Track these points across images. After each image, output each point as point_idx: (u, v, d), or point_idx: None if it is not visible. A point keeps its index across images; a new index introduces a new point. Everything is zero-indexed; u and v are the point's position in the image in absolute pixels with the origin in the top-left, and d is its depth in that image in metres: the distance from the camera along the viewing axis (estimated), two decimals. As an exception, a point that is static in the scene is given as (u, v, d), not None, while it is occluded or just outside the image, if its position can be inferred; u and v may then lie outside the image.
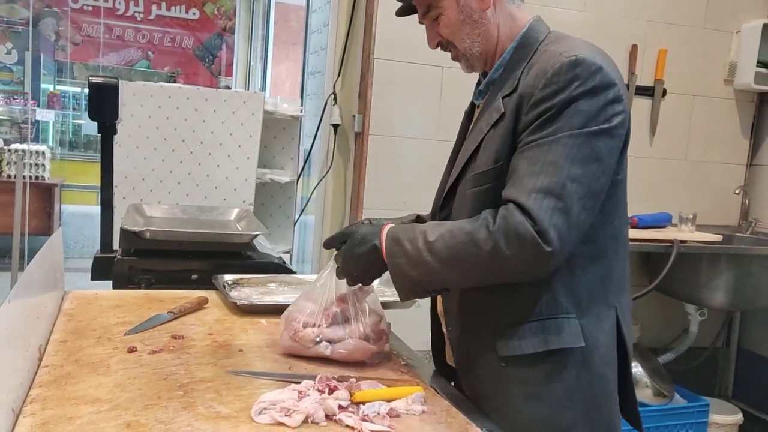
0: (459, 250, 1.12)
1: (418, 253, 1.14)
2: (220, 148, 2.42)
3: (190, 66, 8.44)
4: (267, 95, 3.14)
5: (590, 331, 1.19)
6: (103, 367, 1.15)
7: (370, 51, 2.81)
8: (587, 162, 1.10)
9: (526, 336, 1.18)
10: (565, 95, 1.10)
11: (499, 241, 1.08)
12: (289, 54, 5.48)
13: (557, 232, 1.07)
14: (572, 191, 1.08)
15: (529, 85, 1.15)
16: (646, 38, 3.16)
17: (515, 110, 1.16)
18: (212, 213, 2.24)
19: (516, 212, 1.08)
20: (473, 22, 1.24)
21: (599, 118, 1.11)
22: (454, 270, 1.14)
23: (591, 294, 1.20)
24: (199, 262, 1.84)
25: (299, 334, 1.23)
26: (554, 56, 1.14)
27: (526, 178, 1.10)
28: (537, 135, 1.12)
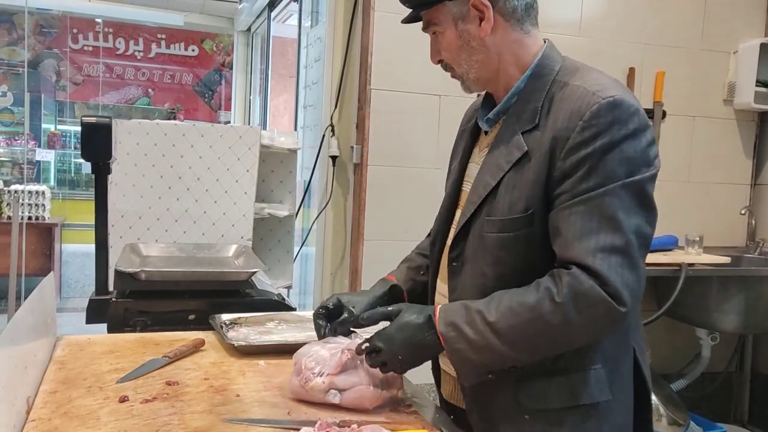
0: (526, 329, 1.05)
1: (482, 337, 1.07)
2: (217, 184, 2.38)
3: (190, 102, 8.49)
4: (267, 128, 3.13)
5: (613, 380, 1.16)
6: (93, 419, 1.10)
7: (366, 82, 2.80)
8: (642, 211, 1.05)
9: (553, 388, 1.13)
10: (606, 140, 1.05)
11: (569, 312, 1.03)
12: (286, 87, 5.50)
13: (630, 290, 1.02)
14: (636, 245, 1.03)
15: (564, 128, 1.08)
16: (643, 61, 3.15)
17: (549, 153, 1.09)
18: (210, 250, 2.20)
19: (582, 276, 1.02)
20: (471, 48, 1.19)
21: (644, 163, 1.06)
22: (523, 350, 1.08)
23: (613, 342, 1.16)
24: (196, 302, 1.79)
25: (309, 383, 1.18)
26: (587, 96, 1.08)
27: (586, 237, 1.04)
28: (584, 186, 1.05)
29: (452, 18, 1.19)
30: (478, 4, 1.16)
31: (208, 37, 8.29)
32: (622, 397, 1.18)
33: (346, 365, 1.20)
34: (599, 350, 1.14)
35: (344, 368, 1.20)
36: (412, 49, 2.86)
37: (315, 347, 1.25)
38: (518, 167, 1.13)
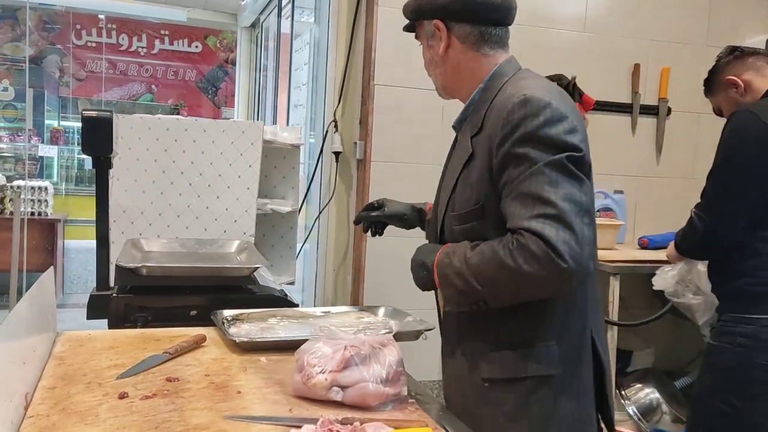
0: (487, 267, 1.23)
1: (460, 267, 1.26)
2: (220, 179, 2.37)
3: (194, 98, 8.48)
4: (273, 124, 3.11)
5: (568, 356, 1.30)
6: (91, 416, 1.09)
7: (370, 78, 2.78)
8: (569, 182, 1.20)
9: (507, 361, 1.30)
10: (522, 131, 1.21)
11: (518, 260, 1.17)
12: (290, 83, 5.48)
13: (568, 247, 1.15)
14: (567, 209, 1.17)
15: (492, 129, 1.27)
16: (648, 57, 3.13)
17: (487, 153, 1.28)
18: (212, 246, 2.19)
19: (527, 235, 1.17)
20: (435, 62, 1.43)
21: (563, 146, 1.21)
22: (485, 285, 1.24)
23: (569, 320, 1.31)
24: (197, 298, 1.78)
25: (311, 380, 1.16)
26: (509, 98, 1.26)
27: (524, 212, 1.19)
28: (515, 172, 1.22)
29: (425, 35, 1.44)
30: (437, 26, 1.39)
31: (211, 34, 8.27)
32: (576, 374, 1.32)
33: (349, 362, 1.19)
34: (553, 328, 1.30)
35: (347, 365, 1.19)
36: (416, 44, 2.84)
37: (317, 344, 1.23)
38: (467, 167, 1.33)
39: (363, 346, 1.21)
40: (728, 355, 1.78)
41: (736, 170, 1.81)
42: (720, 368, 1.82)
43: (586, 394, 1.33)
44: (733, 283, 1.77)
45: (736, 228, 1.79)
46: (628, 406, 2.81)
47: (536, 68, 3.36)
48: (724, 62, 2.07)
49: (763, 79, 1.95)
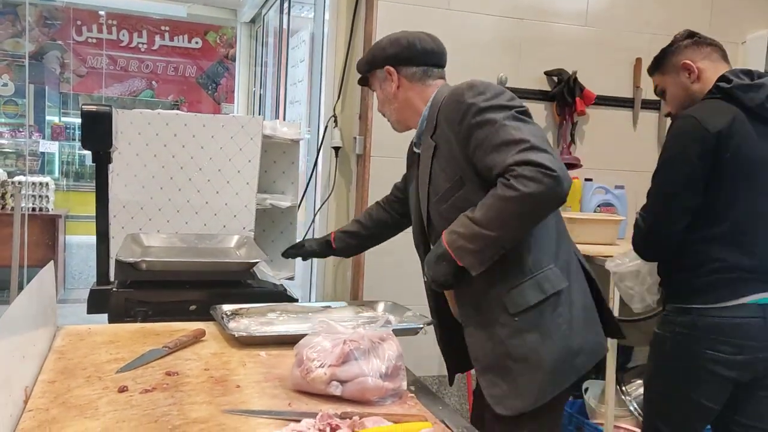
0: (493, 210, 1.41)
1: (470, 229, 1.44)
2: (219, 174, 2.36)
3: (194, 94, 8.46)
4: (276, 120, 3.10)
5: (566, 272, 1.56)
6: (91, 409, 1.09)
7: (370, 72, 2.77)
8: (527, 125, 1.46)
9: (527, 291, 1.51)
10: (476, 106, 1.48)
11: (518, 187, 1.37)
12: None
13: (550, 161, 1.37)
14: (537, 140, 1.42)
15: (448, 114, 1.55)
16: (650, 51, 3.09)
17: (449, 137, 1.55)
18: (212, 241, 2.19)
19: (515, 167, 1.39)
20: (389, 100, 1.74)
21: (513, 105, 1.48)
22: (499, 227, 1.42)
23: (557, 246, 1.58)
24: (197, 293, 1.78)
25: (311, 374, 1.16)
26: (453, 92, 1.56)
27: (505, 155, 1.42)
28: (483, 136, 1.46)
29: (378, 81, 1.75)
30: (388, 71, 1.70)
31: (211, 29, 8.25)
32: (577, 284, 1.59)
33: (348, 357, 1.19)
34: (550, 255, 1.55)
35: (346, 360, 1.19)
36: (416, 38, 2.84)
37: (317, 339, 1.23)
38: (436, 157, 1.59)
39: (362, 340, 1.21)
40: (669, 343, 1.89)
41: (678, 173, 1.87)
42: (663, 355, 1.92)
43: (587, 301, 1.61)
44: (675, 278, 1.85)
45: (677, 228, 1.85)
46: (628, 402, 2.81)
47: (537, 62, 3.32)
48: (681, 45, 2.05)
49: (714, 72, 1.98)
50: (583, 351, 1.55)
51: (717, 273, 1.82)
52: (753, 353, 1.81)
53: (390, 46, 1.71)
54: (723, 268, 1.82)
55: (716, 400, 1.84)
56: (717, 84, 1.92)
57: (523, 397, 1.50)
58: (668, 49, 2.10)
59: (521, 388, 1.50)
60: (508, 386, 1.52)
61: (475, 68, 2.88)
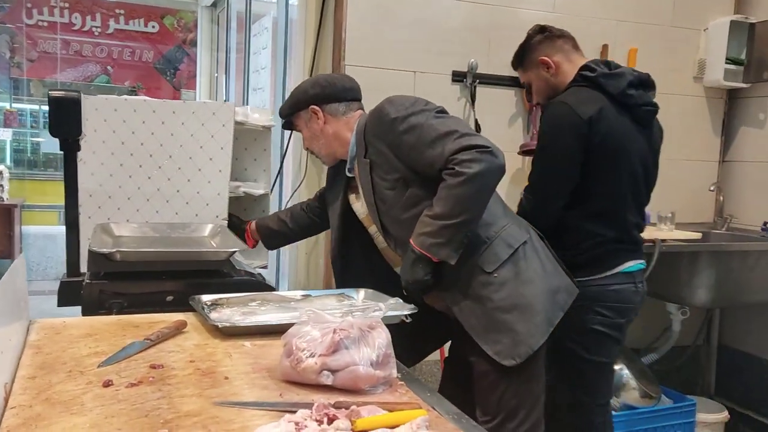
0: (449, 200, 1.57)
1: (434, 225, 1.60)
2: (191, 162, 2.31)
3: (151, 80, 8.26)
4: (247, 106, 3.04)
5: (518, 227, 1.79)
6: (77, 405, 1.06)
7: (340, 58, 2.74)
8: (449, 118, 1.69)
9: (497, 249, 1.70)
10: (398, 116, 1.68)
11: (464, 170, 1.54)
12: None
13: (481, 141, 1.58)
14: (463, 128, 1.63)
15: (372, 130, 1.75)
16: (616, 38, 3.16)
17: (380, 151, 1.73)
18: (185, 230, 2.15)
19: (455, 155, 1.56)
20: (317, 136, 1.90)
21: (431, 107, 1.70)
22: (462, 212, 1.58)
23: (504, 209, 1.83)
24: (173, 283, 1.75)
25: (301, 365, 1.15)
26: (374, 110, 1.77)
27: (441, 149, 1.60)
28: (414, 139, 1.65)
29: (303, 121, 1.92)
30: (314, 110, 1.87)
31: (168, 13, 8.05)
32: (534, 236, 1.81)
33: (339, 345, 1.18)
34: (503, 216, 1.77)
35: (336, 349, 1.18)
36: (387, 25, 2.81)
37: (305, 328, 1.22)
38: (374, 170, 1.76)
39: (352, 329, 1.20)
40: None
41: (554, 158, 2.04)
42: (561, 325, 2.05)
43: (547, 251, 1.82)
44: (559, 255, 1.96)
45: (556, 207, 2.04)
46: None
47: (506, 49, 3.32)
48: (535, 41, 2.18)
49: (570, 64, 2.14)
50: (561, 289, 1.77)
51: (595, 247, 2.04)
52: (629, 315, 2.10)
53: (311, 87, 1.90)
54: (600, 243, 2.04)
55: (611, 355, 2.12)
56: (581, 73, 2.09)
57: (526, 342, 1.65)
58: (525, 45, 2.24)
59: (522, 335, 1.66)
60: (510, 338, 1.66)
61: (446, 55, 2.87)
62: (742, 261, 2.89)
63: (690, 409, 2.81)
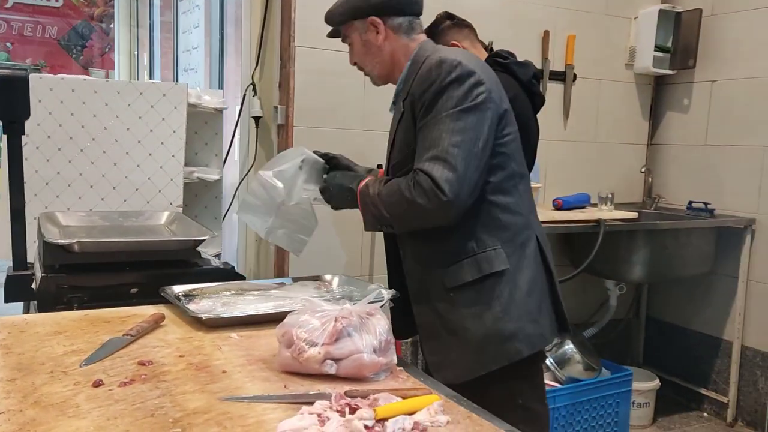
0: (392, 197, 1.52)
1: (373, 198, 1.55)
2: (140, 146, 2.19)
3: (56, 57, 7.81)
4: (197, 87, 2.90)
5: (516, 256, 1.56)
6: (72, 407, 0.99)
7: (290, 39, 2.68)
8: (463, 131, 1.46)
9: (464, 269, 1.55)
10: (436, 86, 1.48)
11: (413, 192, 1.46)
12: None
13: (449, 184, 1.42)
14: (455, 153, 1.44)
15: (415, 87, 1.55)
16: (556, 24, 3.24)
17: (410, 108, 1.55)
18: (138, 218, 2.04)
19: (420, 173, 1.46)
20: (372, 53, 1.66)
21: (467, 99, 1.47)
22: (392, 214, 1.53)
23: (510, 229, 1.57)
24: (137, 275, 1.66)
25: (304, 355, 1.12)
26: (427, 62, 1.54)
27: (421, 152, 1.49)
28: (423, 121, 1.50)
29: (358, 32, 1.66)
30: (373, 22, 1.62)
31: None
32: (528, 271, 1.58)
33: (341, 334, 1.16)
34: (497, 237, 1.55)
35: (339, 337, 1.16)
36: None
37: (303, 317, 1.19)
38: (400, 124, 1.61)
39: (352, 316, 1.19)
40: None
41: None
42: None
43: (535, 288, 1.60)
44: None
45: None
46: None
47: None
48: (445, 26, 2.27)
49: (477, 51, 2.25)
50: (517, 338, 1.55)
51: None
52: None
53: None
54: None
55: None
56: (495, 59, 2.19)
57: (453, 369, 1.57)
58: (435, 30, 2.29)
59: (452, 361, 1.58)
60: (443, 356, 1.60)
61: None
62: (673, 238, 3.06)
63: (627, 378, 2.96)
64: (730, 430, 3.25)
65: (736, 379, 3.25)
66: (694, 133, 3.47)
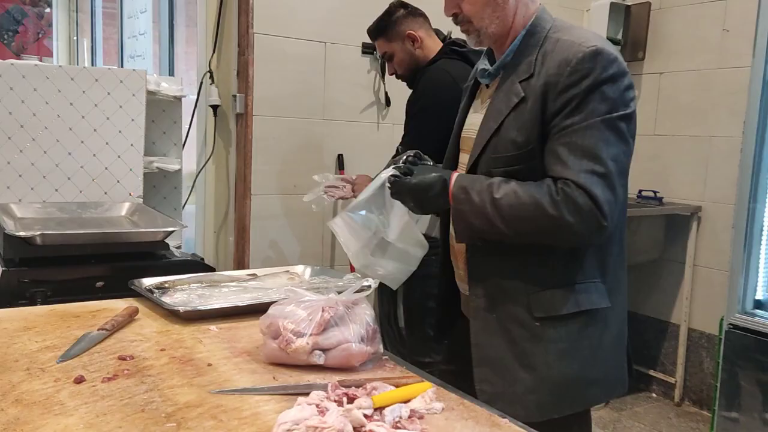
0: (522, 211, 1.25)
1: (483, 206, 1.26)
2: (96, 135, 2.11)
3: (-16, 43, 7.40)
4: (154, 74, 2.80)
5: (614, 293, 1.37)
6: (56, 405, 0.95)
7: (249, 26, 2.63)
8: (618, 144, 1.25)
9: (559, 298, 1.32)
10: (590, 81, 1.23)
11: (562, 209, 1.22)
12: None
13: (609, 206, 1.23)
14: (614, 171, 1.24)
15: (554, 74, 1.26)
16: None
17: (541, 96, 1.27)
18: (97, 209, 1.98)
19: (574, 187, 1.22)
20: (496, 4, 1.35)
21: (621, 103, 1.25)
22: (513, 227, 1.27)
23: (614, 262, 1.37)
24: (103, 268, 1.61)
25: (292, 345, 1.10)
26: (574, 46, 1.26)
27: (572, 161, 1.24)
28: (570, 120, 1.24)
29: None
30: None
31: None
32: (620, 308, 1.40)
33: (329, 324, 1.15)
34: (601, 268, 1.34)
35: (326, 327, 1.15)
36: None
37: (288, 308, 1.17)
38: (517, 110, 1.30)
39: (338, 306, 1.18)
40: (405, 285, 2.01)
41: (432, 119, 2.17)
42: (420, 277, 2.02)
43: (622, 330, 1.42)
44: None
45: None
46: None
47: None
48: (400, 15, 2.32)
49: (431, 39, 2.31)
50: (599, 384, 1.38)
51: None
52: None
53: None
54: None
55: None
56: (451, 47, 2.25)
57: (518, 406, 1.31)
58: (389, 18, 2.35)
59: (517, 395, 1.34)
60: (504, 388, 1.36)
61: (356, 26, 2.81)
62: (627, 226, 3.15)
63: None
64: (677, 409, 3.39)
65: (683, 360, 3.39)
66: (644, 124, 3.57)
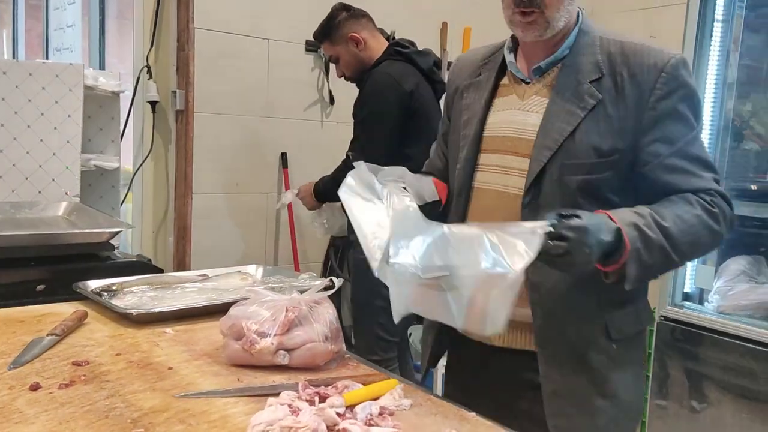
0: (692, 235, 1.16)
1: (658, 239, 1.13)
2: (29, 131, 2.00)
3: None
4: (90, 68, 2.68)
5: None
6: (15, 413, 0.91)
7: (189, 20, 2.56)
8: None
9: (630, 317, 1.27)
10: (687, 91, 1.21)
11: (721, 224, 1.19)
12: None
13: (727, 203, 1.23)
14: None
15: (646, 80, 1.19)
16: (454, 16, 3.32)
17: (635, 104, 1.19)
18: (32, 209, 1.89)
19: (719, 198, 1.20)
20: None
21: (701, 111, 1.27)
22: (683, 253, 1.18)
23: None
24: (44, 270, 1.54)
25: (256, 346, 1.09)
26: (655, 52, 1.21)
27: (702, 172, 1.21)
28: (677, 133, 1.20)
29: None
30: None
31: None
32: None
33: (293, 324, 1.14)
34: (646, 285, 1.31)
35: (291, 326, 1.14)
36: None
37: (251, 308, 1.16)
38: (594, 114, 1.20)
39: (301, 305, 1.17)
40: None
41: (380, 123, 2.24)
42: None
43: (645, 349, 1.42)
44: None
45: None
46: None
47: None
48: (342, 18, 2.37)
49: (375, 41, 2.37)
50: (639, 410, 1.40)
51: None
52: None
53: None
54: None
55: None
56: (395, 49, 2.30)
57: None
58: (332, 22, 2.39)
59: (597, 429, 1.26)
60: (584, 422, 1.25)
61: (300, 23, 2.78)
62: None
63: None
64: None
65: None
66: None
